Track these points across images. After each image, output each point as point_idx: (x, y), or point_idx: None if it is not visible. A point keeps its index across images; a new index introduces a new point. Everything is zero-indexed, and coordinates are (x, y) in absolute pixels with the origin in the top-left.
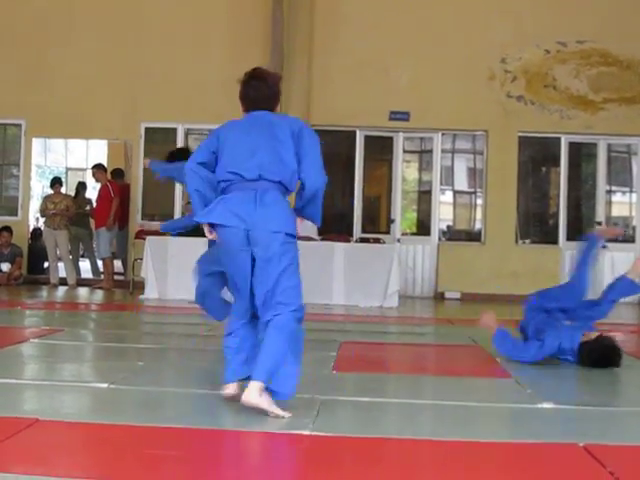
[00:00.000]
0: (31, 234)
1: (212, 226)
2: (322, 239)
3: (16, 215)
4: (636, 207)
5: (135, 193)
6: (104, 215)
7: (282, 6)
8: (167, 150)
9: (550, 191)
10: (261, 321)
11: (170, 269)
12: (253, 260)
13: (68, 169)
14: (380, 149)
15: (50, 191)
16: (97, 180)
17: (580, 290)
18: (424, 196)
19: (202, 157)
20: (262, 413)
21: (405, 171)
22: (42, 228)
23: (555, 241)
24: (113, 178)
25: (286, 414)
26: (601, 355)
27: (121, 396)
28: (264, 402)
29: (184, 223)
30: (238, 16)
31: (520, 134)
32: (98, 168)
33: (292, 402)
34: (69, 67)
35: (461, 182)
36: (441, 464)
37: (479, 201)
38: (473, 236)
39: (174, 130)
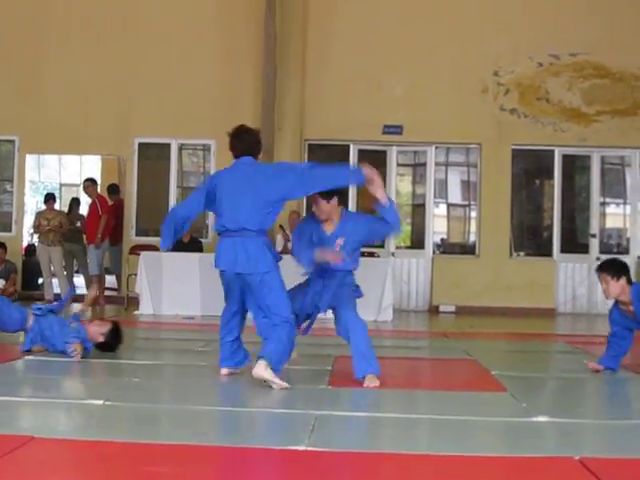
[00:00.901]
0: (25, 250)
1: None
2: None
3: (10, 231)
4: (630, 219)
5: (129, 209)
6: (93, 232)
7: (274, 21)
8: (161, 166)
9: (544, 204)
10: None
11: (165, 284)
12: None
13: (62, 185)
14: (374, 163)
15: (44, 207)
16: (88, 195)
17: None
18: (418, 209)
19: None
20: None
21: (399, 184)
22: (36, 244)
23: (549, 253)
24: (109, 194)
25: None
26: None
27: (116, 413)
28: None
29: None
30: (231, 31)
31: (514, 147)
32: (91, 182)
33: (288, 417)
34: (62, 83)
35: (455, 195)
36: (437, 478)
37: (473, 214)
38: (467, 249)
39: (168, 145)
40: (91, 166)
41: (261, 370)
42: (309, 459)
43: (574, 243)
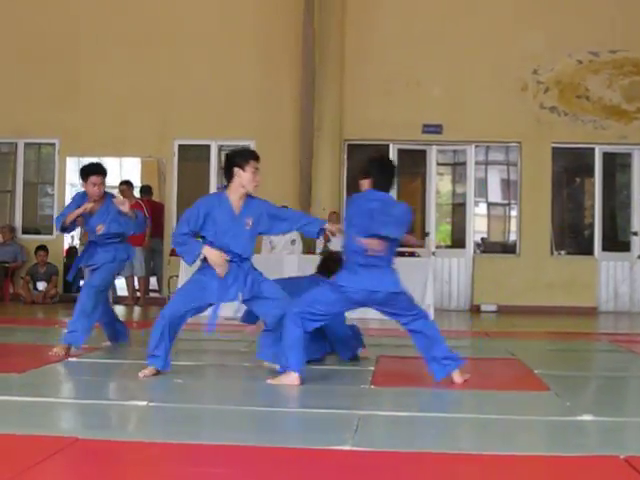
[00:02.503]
0: (66, 252)
1: None
2: None
3: (51, 234)
4: None
5: (169, 211)
6: (140, 235)
7: (313, 22)
8: (201, 167)
9: (585, 202)
10: None
11: None
12: None
13: None
14: (413, 162)
15: None
16: (124, 197)
17: None
18: (458, 208)
19: None
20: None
21: (439, 184)
22: (77, 247)
23: (591, 252)
24: (141, 195)
25: None
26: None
27: (160, 414)
28: None
29: None
30: (269, 32)
31: (554, 145)
32: (127, 185)
33: (331, 417)
34: (101, 86)
35: (495, 194)
36: (481, 478)
37: (513, 213)
38: (508, 248)
39: (207, 147)
40: (131, 168)
41: None
42: (354, 459)
43: (615, 241)
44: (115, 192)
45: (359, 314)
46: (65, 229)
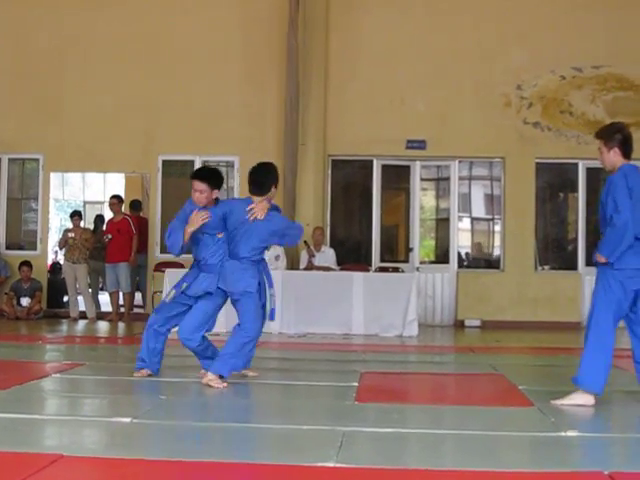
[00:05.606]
0: (50, 268)
1: None
2: (341, 269)
3: (35, 249)
4: None
5: (153, 226)
6: (126, 249)
7: (297, 38)
8: (185, 182)
9: (568, 217)
10: None
11: None
12: None
13: (85, 202)
14: (397, 178)
15: (68, 224)
16: (114, 212)
17: None
18: (442, 224)
19: None
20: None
21: (422, 199)
22: (61, 262)
23: (574, 267)
24: (131, 210)
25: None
26: None
27: (144, 431)
28: None
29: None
30: (253, 47)
31: (537, 160)
32: (117, 199)
33: (315, 434)
34: (86, 101)
35: (479, 209)
36: None
37: (497, 228)
38: (492, 263)
39: (191, 162)
40: (115, 184)
41: None
42: (338, 476)
43: None
44: (104, 207)
45: (345, 329)
46: None
